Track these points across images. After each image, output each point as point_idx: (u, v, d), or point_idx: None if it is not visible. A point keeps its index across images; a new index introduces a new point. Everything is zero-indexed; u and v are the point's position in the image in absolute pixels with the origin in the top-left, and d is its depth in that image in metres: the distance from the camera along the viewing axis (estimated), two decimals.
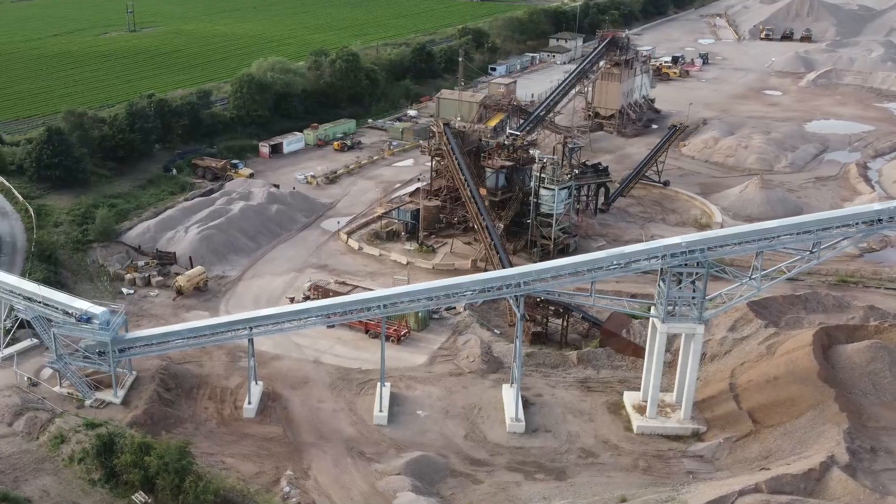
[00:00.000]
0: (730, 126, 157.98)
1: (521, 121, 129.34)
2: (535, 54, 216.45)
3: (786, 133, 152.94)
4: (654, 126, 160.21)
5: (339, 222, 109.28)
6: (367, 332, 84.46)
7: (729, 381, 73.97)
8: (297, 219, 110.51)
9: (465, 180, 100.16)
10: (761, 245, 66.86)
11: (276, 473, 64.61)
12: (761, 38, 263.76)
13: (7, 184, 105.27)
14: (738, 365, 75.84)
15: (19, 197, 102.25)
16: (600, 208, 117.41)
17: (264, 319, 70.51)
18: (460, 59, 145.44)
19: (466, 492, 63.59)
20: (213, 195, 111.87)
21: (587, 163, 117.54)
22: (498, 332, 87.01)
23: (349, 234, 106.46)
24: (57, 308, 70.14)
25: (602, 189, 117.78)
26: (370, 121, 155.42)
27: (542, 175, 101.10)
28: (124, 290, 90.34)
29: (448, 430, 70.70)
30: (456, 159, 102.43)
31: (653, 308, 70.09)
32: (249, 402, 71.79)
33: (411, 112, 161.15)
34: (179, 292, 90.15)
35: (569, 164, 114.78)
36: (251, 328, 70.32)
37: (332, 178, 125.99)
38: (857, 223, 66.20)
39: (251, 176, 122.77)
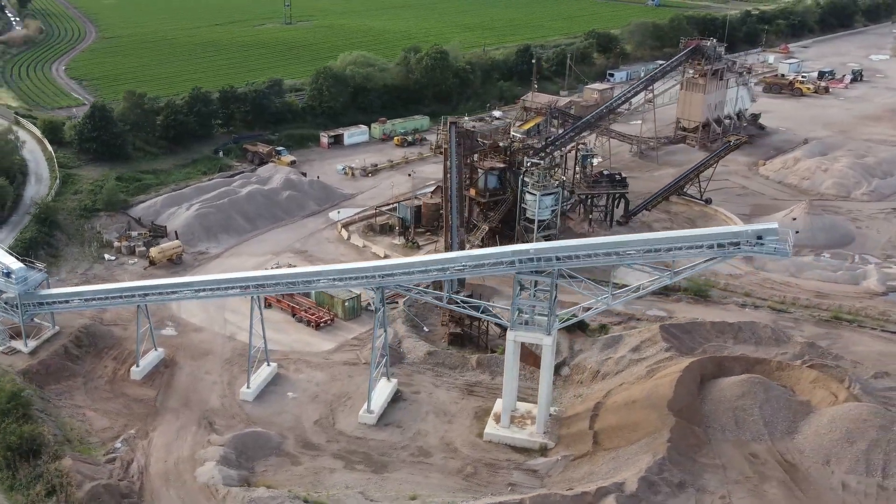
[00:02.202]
0: (825, 147, 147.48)
1: (569, 124, 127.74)
2: (665, 62, 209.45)
3: (884, 158, 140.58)
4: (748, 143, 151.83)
5: (338, 213, 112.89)
6: (293, 315, 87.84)
7: (598, 400, 71.26)
8: (308, 206, 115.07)
9: (450, 178, 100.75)
10: (611, 259, 64.28)
11: (122, 431, 69.31)
12: None
13: (52, 153, 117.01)
14: (618, 385, 72.84)
15: (56, 165, 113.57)
16: (618, 221, 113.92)
17: (152, 289, 75.33)
18: (568, 62, 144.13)
19: (279, 471, 65.53)
20: (234, 177, 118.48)
21: (603, 172, 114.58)
22: (426, 330, 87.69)
23: (347, 225, 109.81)
24: None
25: (622, 201, 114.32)
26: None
27: (526, 179, 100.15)
28: (106, 256, 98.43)
29: (303, 414, 72.76)
30: (450, 157, 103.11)
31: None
32: (137, 366, 76.91)
33: (496, 113, 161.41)
34: (152, 262, 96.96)
35: (581, 173, 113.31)
36: (144, 295, 75.36)
37: (369, 172, 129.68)
38: (711, 245, 62.20)
39: (292, 163, 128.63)
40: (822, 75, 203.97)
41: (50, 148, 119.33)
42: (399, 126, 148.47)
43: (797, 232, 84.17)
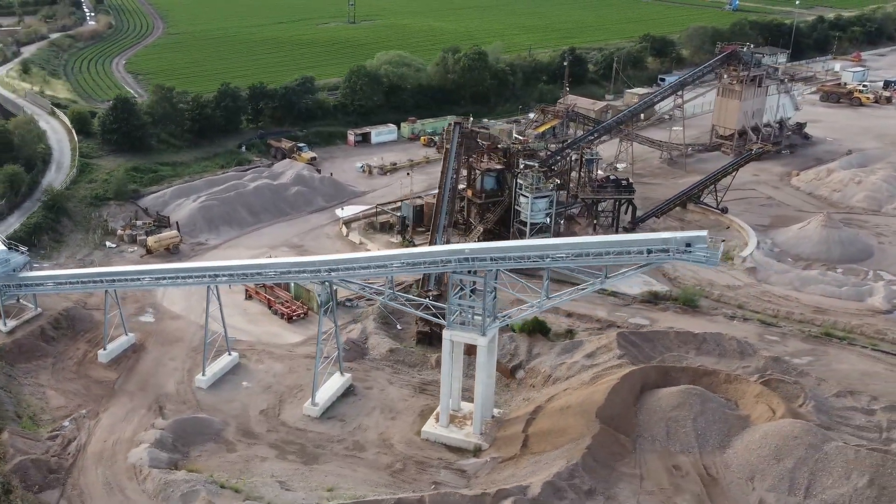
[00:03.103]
0: (865, 159, 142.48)
1: (588, 127, 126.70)
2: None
3: None
4: (787, 152, 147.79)
5: (342, 209, 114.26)
6: (270, 307, 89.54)
7: (539, 404, 70.67)
8: (316, 202, 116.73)
9: (446, 178, 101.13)
10: (544, 262, 63.82)
11: (74, 410, 71.86)
12: None
13: (77, 142, 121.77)
14: (562, 390, 72.08)
15: (77, 154, 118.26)
16: (624, 227, 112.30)
17: (119, 275, 77.90)
18: (615, 66, 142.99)
19: (213, 457, 66.90)
20: (247, 171, 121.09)
21: (610, 177, 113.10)
22: (399, 328, 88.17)
23: (349, 221, 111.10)
24: None
25: (629, 207, 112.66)
26: (483, 120, 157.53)
27: (520, 181, 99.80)
28: (107, 244, 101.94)
29: (251, 403, 74.08)
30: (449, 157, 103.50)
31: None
32: (105, 349, 79.59)
33: (532, 115, 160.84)
34: (149, 251, 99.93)
35: (586, 177, 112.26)
36: (112, 281, 77.96)
37: (387, 170, 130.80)
38: (641, 250, 61.11)
39: (312, 160, 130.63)
40: (887, 85, 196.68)
41: (76, 138, 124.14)
42: (428, 126, 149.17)
43: (724, 241, 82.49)
